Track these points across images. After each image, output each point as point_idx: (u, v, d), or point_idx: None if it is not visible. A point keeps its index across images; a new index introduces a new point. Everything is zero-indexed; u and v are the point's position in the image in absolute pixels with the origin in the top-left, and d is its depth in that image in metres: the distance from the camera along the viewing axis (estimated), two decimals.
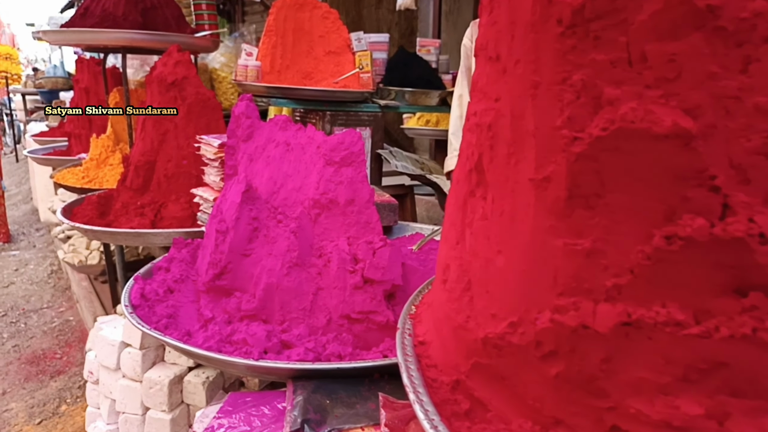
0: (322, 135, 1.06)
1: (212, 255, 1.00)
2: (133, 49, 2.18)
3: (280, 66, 2.33)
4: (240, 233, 0.99)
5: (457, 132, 1.92)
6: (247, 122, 1.16)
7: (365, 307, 0.93)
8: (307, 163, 1.06)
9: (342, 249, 0.97)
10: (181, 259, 1.14)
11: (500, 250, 0.50)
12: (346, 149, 1.01)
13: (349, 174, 1.01)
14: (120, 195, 1.73)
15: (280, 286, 0.95)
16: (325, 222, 1.03)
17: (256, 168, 1.12)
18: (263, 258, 0.99)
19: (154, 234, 1.47)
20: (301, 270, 0.97)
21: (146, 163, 1.66)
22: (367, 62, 2.34)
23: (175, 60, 1.66)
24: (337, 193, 1.01)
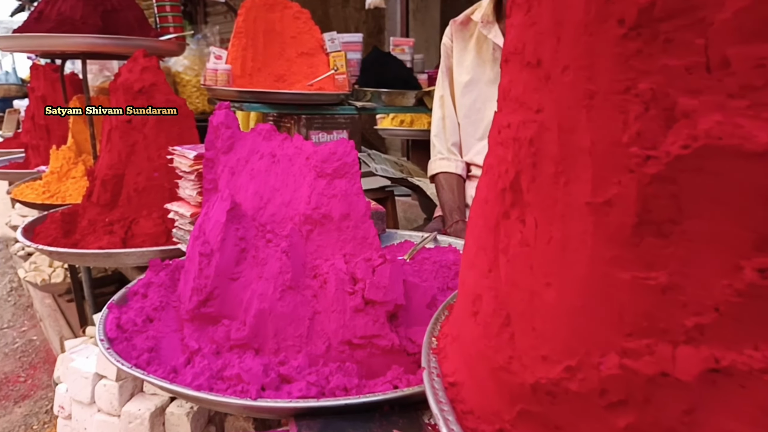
0: (311, 145, 0.98)
1: (196, 280, 0.91)
2: (93, 55, 2.05)
3: (251, 69, 2.24)
4: (226, 256, 0.90)
5: (439, 134, 1.86)
6: (227, 132, 1.07)
7: (367, 331, 0.86)
8: (296, 175, 0.99)
9: (339, 268, 0.89)
10: (159, 283, 1.05)
11: (549, 282, 0.44)
12: (339, 160, 0.94)
13: (343, 186, 0.94)
14: (86, 211, 1.62)
15: (273, 311, 0.87)
16: (319, 239, 0.96)
17: (240, 182, 1.04)
18: (253, 281, 0.91)
19: (126, 254, 1.36)
20: (296, 293, 0.90)
21: (114, 176, 1.55)
22: (341, 63, 2.26)
23: (142, 66, 1.56)
24: (330, 208, 0.94)
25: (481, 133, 1.79)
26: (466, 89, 1.79)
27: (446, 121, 1.85)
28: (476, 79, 1.77)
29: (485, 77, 1.76)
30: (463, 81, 1.79)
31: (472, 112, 1.79)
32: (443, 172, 1.80)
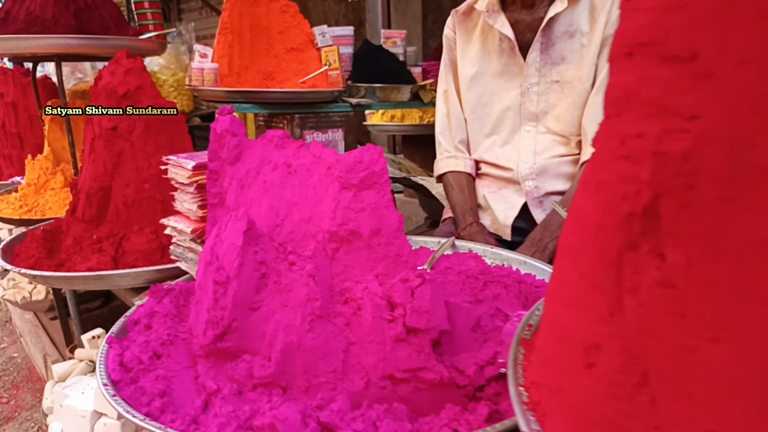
0: (332, 153, 0.88)
1: (211, 312, 0.80)
2: (67, 57, 1.91)
3: (238, 67, 2.11)
4: (245, 283, 0.79)
5: (445, 131, 1.76)
6: (234, 141, 0.96)
7: (411, 363, 0.76)
8: (316, 187, 0.88)
9: (374, 292, 0.79)
10: (164, 312, 0.94)
11: (716, 337, 0.34)
12: (366, 169, 0.83)
13: (372, 198, 0.83)
14: (70, 228, 1.48)
15: (302, 345, 0.77)
16: (346, 258, 0.85)
17: (250, 196, 0.93)
18: (276, 311, 0.80)
19: (119, 276, 1.24)
20: (326, 323, 0.79)
21: (100, 189, 1.42)
22: (334, 58, 2.15)
23: (125, 68, 1.43)
24: (358, 223, 0.83)
25: (489, 129, 1.69)
26: (471, 83, 1.69)
27: (452, 118, 1.75)
28: (482, 72, 1.67)
29: (491, 69, 1.66)
30: (469, 74, 1.69)
31: (478, 106, 1.70)
32: (451, 172, 1.71)
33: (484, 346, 0.84)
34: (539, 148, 1.60)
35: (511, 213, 1.57)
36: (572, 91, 1.54)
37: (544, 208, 1.55)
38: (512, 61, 1.61)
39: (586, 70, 1.51)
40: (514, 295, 1.11)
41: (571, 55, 1.53)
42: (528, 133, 1.63)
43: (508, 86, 1.64)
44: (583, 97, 1.53)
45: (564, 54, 1.54)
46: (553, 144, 1.59)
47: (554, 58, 1.55)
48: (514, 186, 1.60)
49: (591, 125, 1.50)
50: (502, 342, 0.84)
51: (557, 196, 1.54)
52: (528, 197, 1.55)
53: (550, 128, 1.60)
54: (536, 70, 1.57)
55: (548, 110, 1.59)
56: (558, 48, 1.54)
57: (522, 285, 1.11)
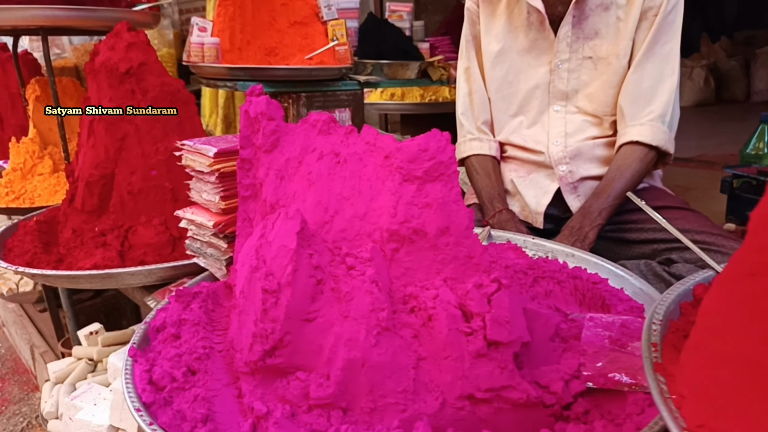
0: (390, 140, 0.77)
1: (260, 324, 0.70)
2: (55, 30, 1.75)
3: (240, 42, 1.97)
4: (299, 291, 0.69)
5: (467, 112, 1.65)
6: (270, 126, 0.84)
7: (494, 381, 0.67)
8: (372, 179, 0.77)
9: (447, 301, 0.69)
10: (194, 320, 0.83)
11: None
12: (432, 158, 0.73)
13: (439, 192, 0.73)
14: (68, 219, 1.35)
15: (366, 361, 0.67)
16: (407, 260, 0.75)
17: (292, 189, 0.82)
18: (335, 323, 0.70)
19: (130, 273, 1.12)
20: (393, 335, 0.69)
21: (101, 177, 1.29)
22: (341, 33, 2.02)
23: (127, 42, 1.29)
24: (423, 220, 0.73)
25: (515, 109, 1.59)
26: (497, 60, 1.58)
27: (474, 97, 1.64)
28: (508, 48, 1.57)
29: (518, 45, 1.56)
30: (494, 51, 1.58)
31: (504, 85, 1.59)
32: (475, 155, 1.60)
33: (564, 357, 0.75)
34: (570, 130, 1.50)
35: (543, 199, 1.48)
36: (607, 68, 1.45)
37: (578, 194, 1.46)
38: (541, 36, 1.51)
39: (623, 45, 1.41)
40: (569, 293, 1.02)
41: (605, 29, 1.43)
42: (557, 113, 1.53)
43: (536, 63, 1.54)
44: (620, 75, 1.43)
45: (598, 28, 1.44)
46: (584, 125, 1.50)
47: (587, 32, 1.45)
48: (545, 170, 1.51)
49: (629, 105, 1.41)
50: (585, 352, 0.75)
51: (593, 181, 1.45)
52: (561, 182, 1.46)
53: (581, 108, 1.50)
54: (567, 45, 1.47)
55: (579, 89, 1.50)
56: (592, 21, 1.44)
57: (577, 281, 1.02)
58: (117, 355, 1.25)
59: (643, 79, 1.40)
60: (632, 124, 1.39)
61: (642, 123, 1.38)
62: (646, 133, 1.36)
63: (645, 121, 1.38)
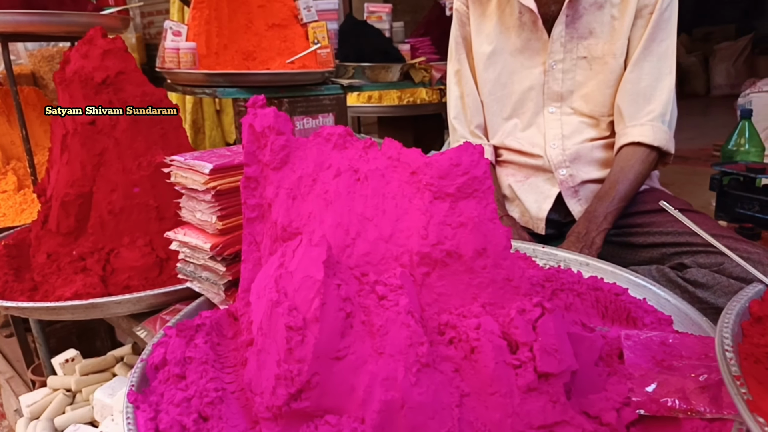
0: (416, 154, 0.70)
1: (283, 365, 0.62)
2: (16, 36, 1.62)
3: (217, 46, 1.87)
4: (328, 327, 0.62)
5: (459, 116, 1.61)
6: (279, 141, 0.77)
7: (547, 417, 0.61)
8: (397, 197, 0.71)
9: (491, 330, 0.63)
10: (201, 358, 0.75)
11: None
12: (465, 173, 0.67)
13: (474, 210, 0.67)
14: (41, 242, 1.24)
15: (406, 402, 0.61)
16: (440, 285, 0.69)
17: (306, 209, 0.75)
18: (368, 360, 0.63)
19: (117, 303, 1.03)
20: (433, 371, 0.63)
21: (78, 196, 1.19)
22: (323, 35, 1.94)
23: (102, 49, 1.19)
24: (458, 241, 0.67)
25: (508, 112, 1.55)
26: (489, 61, 1.53)
27: (466, 100, 1.59)
28: (500, 49, 1.52)
29: (510, 46, 1.51)
30: (485, 52, 1.53)
31: (496, 87, 1.55)
32: None
33: (609, 382, 0.70)
34: (567, 132, 1.47)
35: (544, 204, 1.44)
36: (603, 68, 1.41)
37: (579, 198, 1.42)
38: (534, 36, 1.47)
39: (619, 44, 1.38)
40: (591, 305, 0.98)
41: (600, 28, 1.40)
42: (552, 114, 1.49)
43: (530, 64, 1.50)
44: (616, 74, 1.40)
45: (592, 27, 1.41)
46: (581, 126, 1.47)
47: (581, 31, 1.42)
48: (543, 174, 1.47)
49: (628, 105, 1.38)
50: (631, 375, 0.70)
51: (593, 184, 1.42)
52: (562, 186, 1.42)
53: (577, 109, 1.47)
54: (561, 45, 1.43)
55: (574, 89, 1.46)
56: (586, 20, 1.40)
57: (598, 292, 0.98)
58: (103, 390, 1.15)
59: (641, 78, 1.37)
60: (632, 125, 1.36)
61: (642, 123, 1.35)
62: (647, 133, 1.33)
63: (645, 121, 1.35)
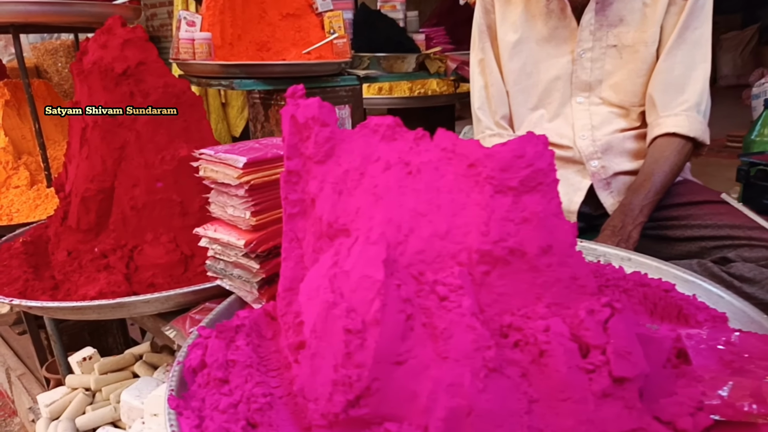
0: (473, 146, 0.66)
1: (341, 370, 0.59)
2: (27, 27, 1.58)
3: (231, 37, 1.82)
4: (388, 330, 0.58)
5: (483, 106, 1.56)
6: (324, 133, 0.73)
7: (623, 424, 0.57)
8: (453, 192, 0.67)
9: (560, 333, 0.60)
10: (245, 362, 0.71)
11: None
12: (529, 165, 0.63)
13: (538, 205, 0.63)
14: (61, 239, 1.21)
15: (474, 409, 0.57)
16: (500, 284, 0.65)
17: (354, 205, 0.71)
18: (430, 365, 0.59)
19: (145, 302, 0.99)
20: (500, 377, 0.59)
21: (99, 191, 1.15)
22: (339, 25, 1.90)
23: (122, 39, 1.15)
24: (521, 238, 0.63)
25: (534, 102, 1.51)
26: (514, 50, 1.49)
27: (491, 90, 1.55)
28: (525, 38, 1.48)
29: (536, 35, 1.47)
30: (511, 41, 1.49)
31: (522, 77, 1.51)
32: None
33: (678, 385, 0.67)
34: (596, 122, 1.43)
35: (576, 197, 1.40)
36: (634, 57, 1.37)
37: (611, 190, 1.39)
38: (562, 24, 1.43)
39: (651, 32, 1.34)
40: (638, 302, 0.94)
41: (630, 15, 1.36)
42: (580, 104, 1.45)
43: (556, 53, 1.46)
44: (648, 63, 1.36)
45: (623, 15, 1.37)
46: (610, 116, 1.43)
47: (611, 19, 1.38)
48: (574, 166, 1.43)
49: (661, 94, 1.34)
50: (701, 378, 0.67)
51: (626, 176, 1.38)
52: (594, 179, 1.39)
53: (606, 98, 1.43)
54: (590, 33, 1.39)
55: (603, 78, 1.42)
56: (616, 8, 1.36)
57: (646, 289, 0.94)
58: (129, 392, 1.12)
59: (675, 67, 1.33)
60: (666, 115, 1.32)
61: (676, 113, 1.31)
62: (682, 123, 1.29)
63: (679, 111, 1.32)
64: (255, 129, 2.04)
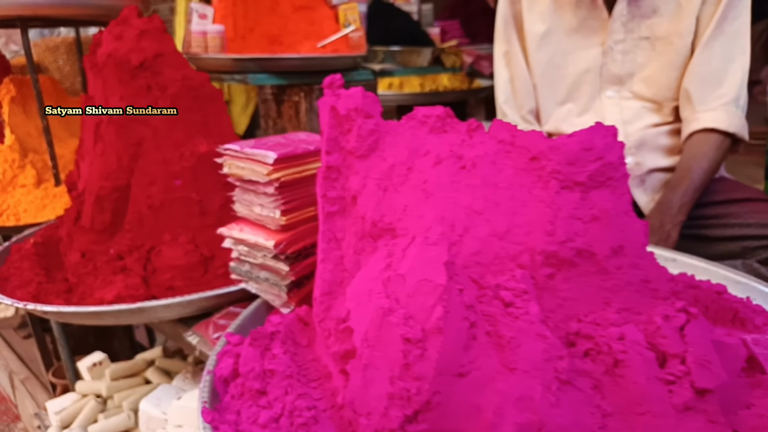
0: (537, 137, 0.61)
1: (398, 382, 0.54)
2: (35, 20, 1.53)
3: (243, 29, 1.77)
4: (452, 340, 0.53)
5: (509, 100, 1.51)
6: (368, 125, 0.67)
7: None
8: (512, 187, 0.62)
9: (637, 341, 0.55)
10: (285, 371, 0.66)
11: None
12: (598, 158, 0.58)
13: (607, 202, 0.58)
14: (74, 240, 1.15)
15: (545, 425, 0.52)
16: (565, 288, 0.60)
17: (400, 202, 0.66)
18: (496, 377, 0.54)
19: (166, 306, 0.94)
20: (572, 389, 0.54)
21: (114, 189, 1.10)
22: (354, 17, 1.84)
23: (138, 29, 1.10)
24: (590, 238, 0.58)
25: (563, 96, 1.46)
26: (542, 42, 1.44)
27: (517, 83, 1.50)
28: (553, 29, 1.43)
29: (565, 25, 1.42)
30: (539, 32, 1.44)
31: (550, 69, 1.46)
32: None
33: (753, 395, 0.62)
34: (627, 117, 1.38)
35: None
36: (668, 49, 1.32)
37: (645, 188, 1.34)
38: (592, 14, 1.38)
39: (687, 23, 1.29)
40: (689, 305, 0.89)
41: (665, 6, 1.31)
42: (610, 99, 1.40)
43: (586, 44, 1.41)
44: (683, 56, 1.31)
45: (657, 5, 1.31)
46: (642, 111, 1.38)
47: (644, 10, 1.32)
48: None
49: (697, 88, 1.29)
50: None
51: (660, 173, 1.33)
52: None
53: (637, 92, 1.38)
54: (622, 24, 1.34)
55: (635, 71, 1.37)
56: None
57: (696, 291, 0.89)
58: (148, 400, 1.06)
59: (712, 60, 1.28)
60: (702, 109, 1.27)
61: (714, 108, 1.26)
62: (721, 118, 1.24)
63: (717, 105, 1.26)
64: (266, 126, 1.99)
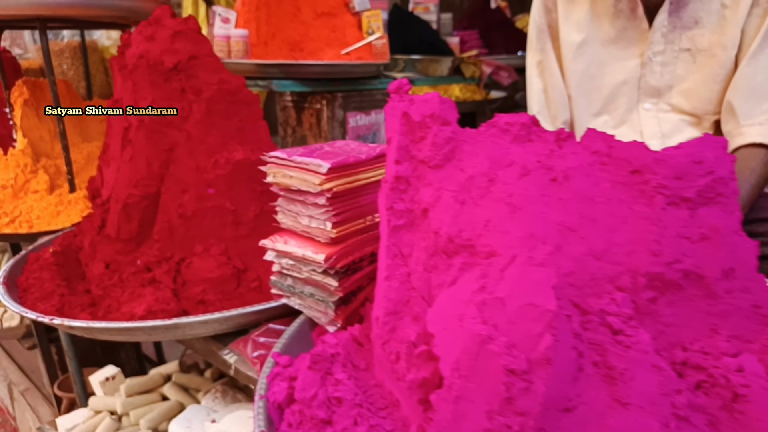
0: (640, 148, 0.56)
1: (498, 417, 0.48)
2: (54, 20, 1.47)
3: (266, 35, 1.73)
4: (560, 371, 0.48)
5: (543, 111, 1.47)
6: (444, 133, 0.62)
7: None
8: (611, 202, 0.57)
9: (758, 373, 0.50)
10: (354, 399, 0.61)
11: None
12: (708, 173, 0.53)
13: (718, 220, 0.54)
14: (97, 250, 1.09)
15: None
16: (669, 313, 0.55)
17: (481, 216, 0.60)
18: (605, 412, 0.49)
19: (202, 322, 0.88)
20: (689, 425, 0.49)
21: (143, 197, 1.04)
22: (378, 25, 1.80)
23: (172, 30, 1.05)
24: (699, 259, 0.53)
25: (598, 107, 1.42)
26: (578, 51, 1.40)
27: (550, 93, 1.46)
28: (590, 39, 1.39)
29: (601, 35, 1.39)
30: (575, 41, 1.40)
31: (585, 80, 1.42)
32: None
33: None
34: (666, 130, 1.34)
35: None
36: (710, 61, 1.28)
37: None
38: (631, 24, 1.34)
39: (731, 35, 1.25)
40: None
41: (707, 17, 1.27)
42: (648, 111, 1.37)
43: (623, 55, 1.37)
44: (727, 68, 1.27)
45: (699, 16, 1.28)
46: (681, 125, 1.34)
47: (686, 21, 1.29)
48: None
49: (742, 102, 1.25)
50: None
51: None
52: None
53: (676, 105, 1.34)
54: (662, 36, 1.30)
55: (674, 84, 1.33)
56: (691, 9, 1.27)
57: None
58: (178, 422, 1.00)
59: (758, 73, 1.24)
60: (748, 124, 1.23)
61: (761, 122, 1.22)
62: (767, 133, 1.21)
63: (763, 119, 1.23)
64: (284, 133, 1.94)
